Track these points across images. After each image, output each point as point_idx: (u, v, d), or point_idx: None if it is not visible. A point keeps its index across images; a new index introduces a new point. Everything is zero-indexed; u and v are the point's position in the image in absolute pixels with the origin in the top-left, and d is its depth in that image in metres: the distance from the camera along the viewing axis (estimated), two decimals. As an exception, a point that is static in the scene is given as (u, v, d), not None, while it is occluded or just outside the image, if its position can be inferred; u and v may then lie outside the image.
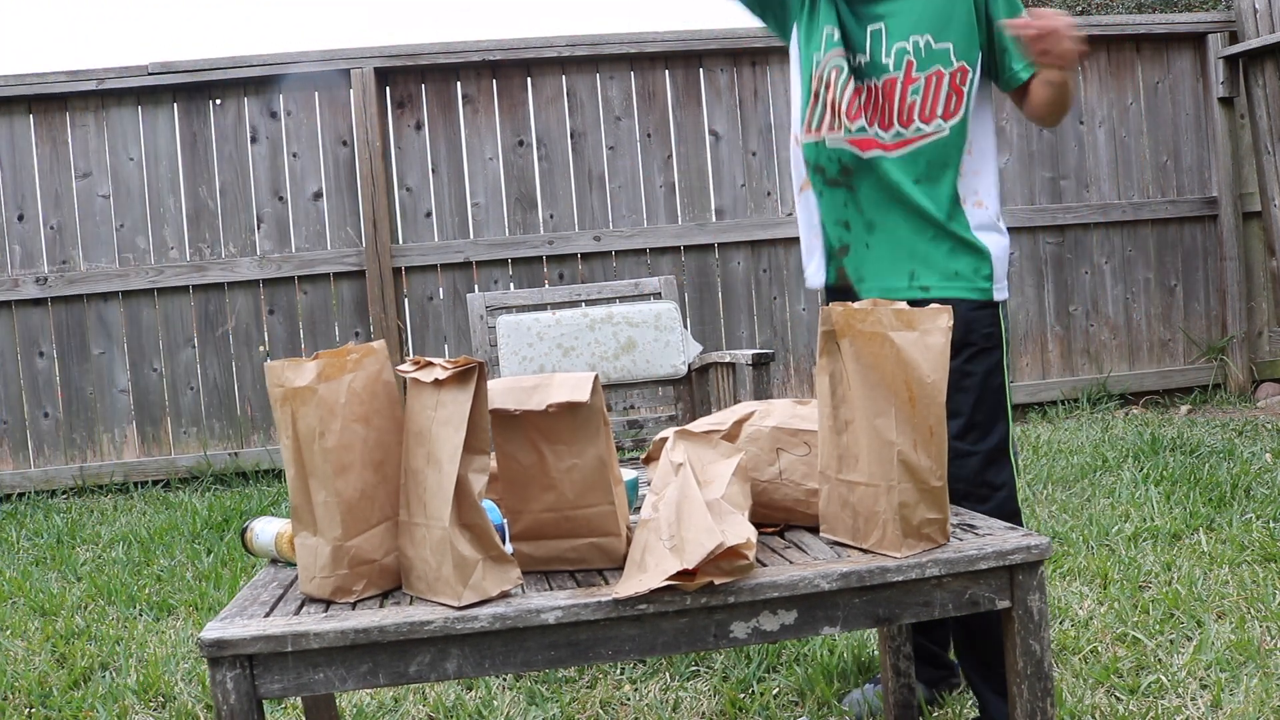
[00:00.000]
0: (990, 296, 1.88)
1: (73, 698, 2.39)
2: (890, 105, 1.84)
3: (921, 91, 1.82)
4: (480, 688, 2.32)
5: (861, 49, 1.87)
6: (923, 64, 1.82)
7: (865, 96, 1.85)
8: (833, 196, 1.92)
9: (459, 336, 5.07)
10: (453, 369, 1.30)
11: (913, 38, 1.82)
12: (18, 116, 4.88)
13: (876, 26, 1.85)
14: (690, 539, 1.27)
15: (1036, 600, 1.37)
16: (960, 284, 1.86)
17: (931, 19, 1.82)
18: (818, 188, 1.95)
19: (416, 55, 4.96)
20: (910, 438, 1.37)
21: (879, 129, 1.85)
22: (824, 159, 1.91)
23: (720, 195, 5.24)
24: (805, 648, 2.41)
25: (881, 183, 1.87)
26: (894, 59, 1.83)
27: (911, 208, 1.86)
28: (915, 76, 1.82)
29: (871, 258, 1.91)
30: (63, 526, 4.08)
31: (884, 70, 1.84)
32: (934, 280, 1.87)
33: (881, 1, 1.86)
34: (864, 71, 1.87)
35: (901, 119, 1.84)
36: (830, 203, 1.94)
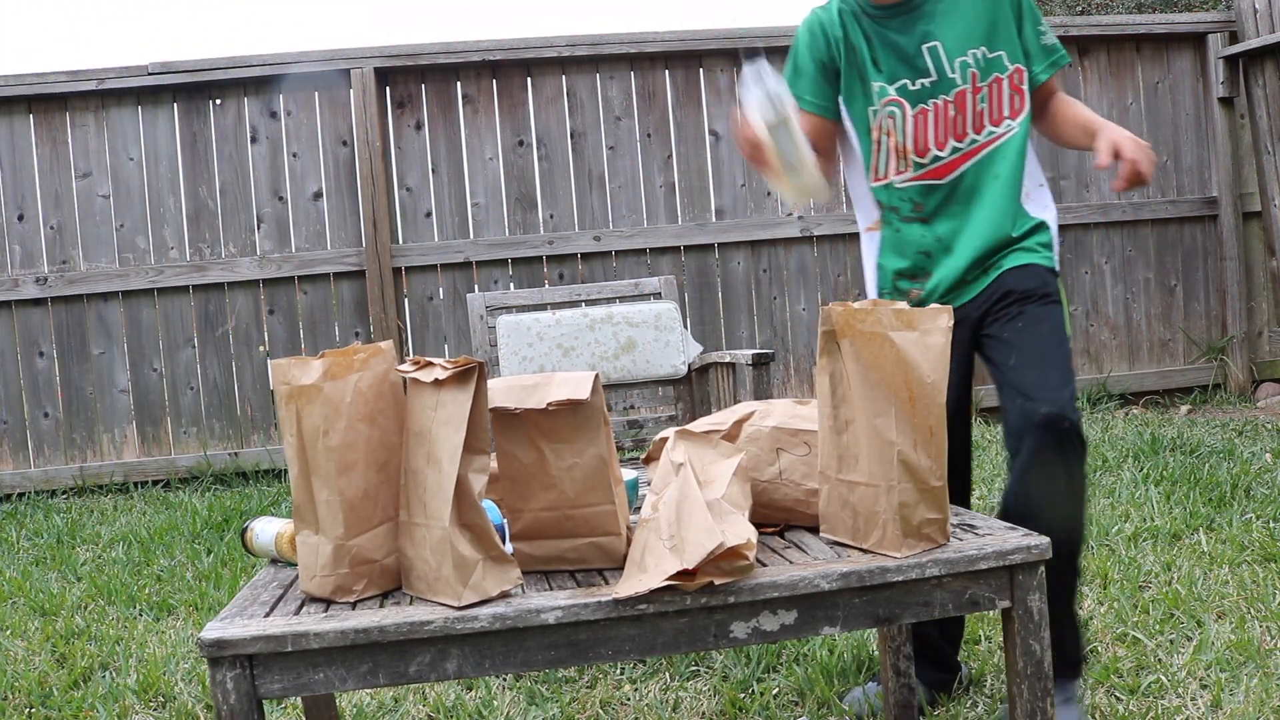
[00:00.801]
0: (1052, 264, 1.98)
1: (73, 698, 2.39)
2: (963, 116, 1.95)
3: (989, 99, 1.95)
4: (480, 688, 2.32)
5: (925, 71, 1.94)
6: (984, 74, 1.94)
7: (936, 116, 1.95)
8: (909, 230, 2.02)
9: (459, 336, 5.07)
10: (453, 369, 1.30)
11: (970, 51, 1.93)
12: (18, 116, 4.88)
13: (932, 44, 1.94)
14: (690, 539, 1.27)
15: (1036, 600, 1.38)
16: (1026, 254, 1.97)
17: (980, 31, 1.93)
18: (894, 225, 2.03)
19: (416, 55, 4.96)
20: (910, 438, 1.37)
21: (954, 140, 1.95)
22: (896, 200, 2.01)
23: (720, 195, 5.24)
24: (805, 648, 2.41)
25: (955, 203, 1.97)
26: (960, 73, 1.94)
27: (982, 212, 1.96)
28: (980, 86, 1.94)
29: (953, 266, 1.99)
30: (63, 526, 4.08)
31: (953, 85, 1.94)
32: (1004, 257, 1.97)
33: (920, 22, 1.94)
34: (932, 91, 1.95)
35: (975, 127, 1.95)
36: (908, 237, 2.02)
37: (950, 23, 1.93)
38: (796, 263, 5.25)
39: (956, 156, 1.95)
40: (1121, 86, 5.51)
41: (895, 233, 2.03)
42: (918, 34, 1.93)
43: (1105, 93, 5.50)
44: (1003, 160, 1.95)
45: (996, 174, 1.95)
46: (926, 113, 1.95)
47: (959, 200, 1.97)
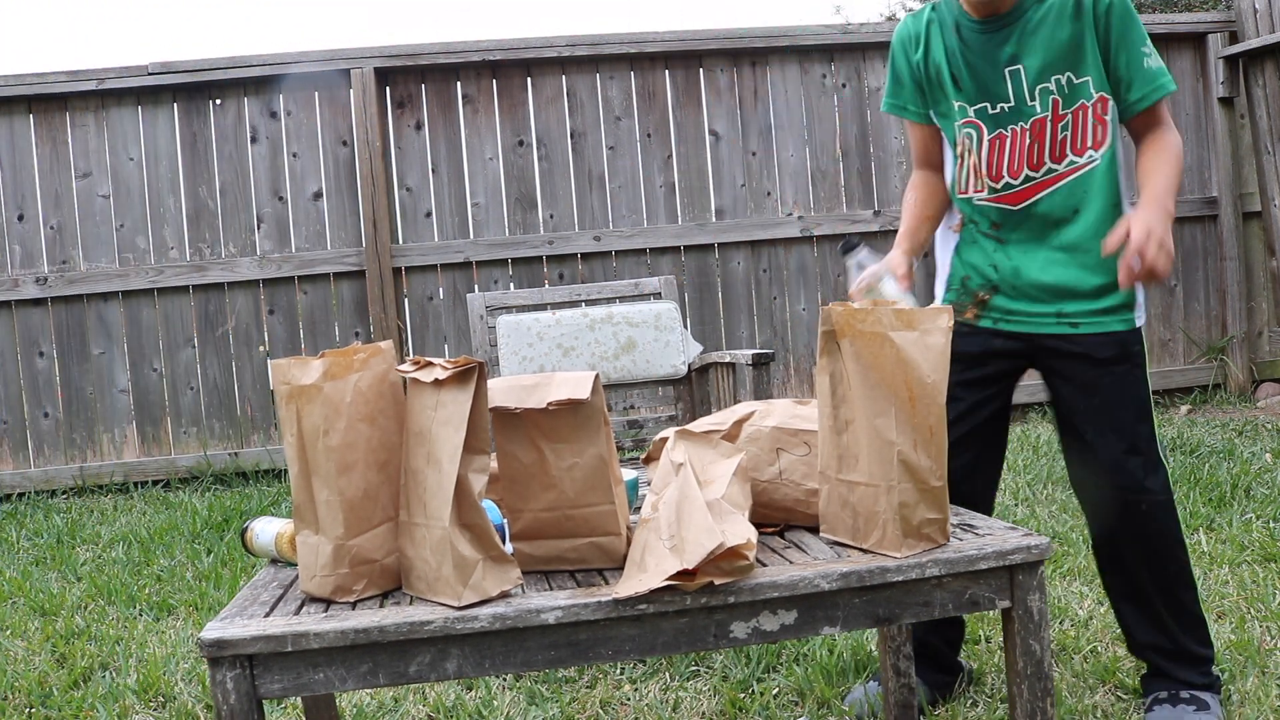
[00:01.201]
0: (1133, 325, 1.93)
1: (73, 698, 2.39)
2: (1041, 144, 1.88)
3: (1070, 127, 1.87)
4: (480, 688, 2.32)
5: (1004, 97, 1.89)
6: (1067, 101, 1.86)
7: (1011, 143, 1.90)
8: (985, 244, 2.00)
9: (459, 336, 5.07)
10: (453, 369, 1.30)
11: (1054, 77, 1.85)
12: (18, 116, 4.88)
13: (1014, 68, 1.88)
14: (690, 539, 1.27)
15: (1036, 600, 1.38)
16: (1109, 318, 1.92)
17: (1065, 56, 1.85)
18: (971, 235, 2.02)
19: (416, 55, 4.96)
20: (910, 438, 1.37)
21: (1029, 170, 1.90)
22: (977, 215, 1.99)
23: (720, 195, 5.24)
24: (805, 648, 2.41)
25: (1031, 230, 1.93)
26: (1039, 100, 1.87)
27: (1060, 246, 1.92)
28: (1063, 114, 1.87)
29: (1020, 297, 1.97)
30: (63, 526, 4.09)
31: (1031, 113, 1.88)
32: (1082, 315, 1.92)
33: (1009, 42, 1.87)
34: (1010, 117, 1.90)
35: (1054, 156, 1.88)
36: (983, 249, 2.00)
37: (1038, 44, 1.85)
38: (796, 263, 5.25)
39: (1030, 185, 1.90)
40: (1121, 86, 5.51)
41: (973, 242, 2.02)
42: (1004, 55, 1.88)
43: (1105, 93, 5.49)
44: (1084, 192, 1.89)
45: (1075, 206, 1.89)
46: (1004, 138, 1.91)
47: (1034, 228, 1.93)
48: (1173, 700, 1.93)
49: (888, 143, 5.33)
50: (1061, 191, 1.89)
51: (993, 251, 1.98)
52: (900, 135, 5.33)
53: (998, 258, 1.98)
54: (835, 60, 5.30)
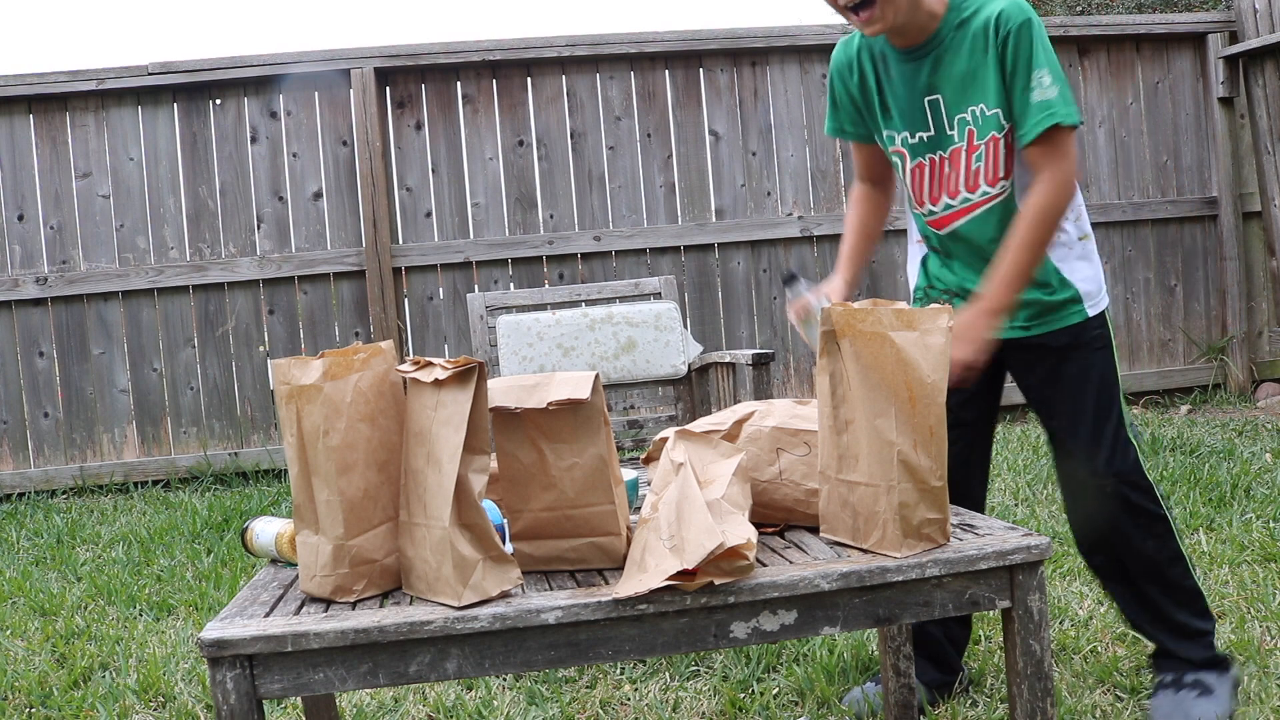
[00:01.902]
0: (1087, 316, 1.97)
1: (73, 698, 2.39)
2: (957, 174, 1.92)
3: (984, 158, 1.89)
4: (480, 688, 2.32)
5: (925, 126, 1.93)
6: (981, 132, 1.88)
7: (931, 172, 1.95)
8: (934, 259, 2.07)
9: (459, 336, 5.07)
10: (453, 369, 1.30)
11: (970, 108, 1.87)
12: (18, 116, 4.88)
13: (933, 98, 1.90)
14: (691, 539, 1.27)
15: (1036, 600, 1.38)
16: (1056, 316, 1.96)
17: (974, 88, 1.86)
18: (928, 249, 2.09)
19: (416, 55, 4.96)
20: (910, 438, 1.37)
21: (948, 198, 1.94)
22: (925, 231, 2.05)
23: (720, 195, 5.24)
24: (805, 648, 2.41)
25: (963, 251, 1.98)
26: (957, 130, 1.90)
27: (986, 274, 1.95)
28: (976, 145, 1.89)
29: None
30: (63, 526, 4.09)
31: (950, 141, 1.91)
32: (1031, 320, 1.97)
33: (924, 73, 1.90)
34: (929, 146, 1.94)
35: (969, 185, 1.91)
36: (936, 263, 2.07)
37: (949, 75, 1.87)
38: (796, 263, 5.25)
39: (951, 212, 1.95)
40: (1121, 86, 5.51)
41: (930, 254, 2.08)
42: (922, 85, 1.90)
43: (1105, 93, 5.50)
44: (1000, 219, 1.90)
45: (993, 237, 1.91)
46: (923, 167, 1.95)
47: (965, 253, 1.98)
48: (1176, 685, 1.95)
49: (888, 143, 5.32)
50: (979, 219, 1.92)
51: (940, 267, 2.05)
52: (900, 135, 5.32)
53: (944, 273, 2.04)
54: (835, 60, 5.29)
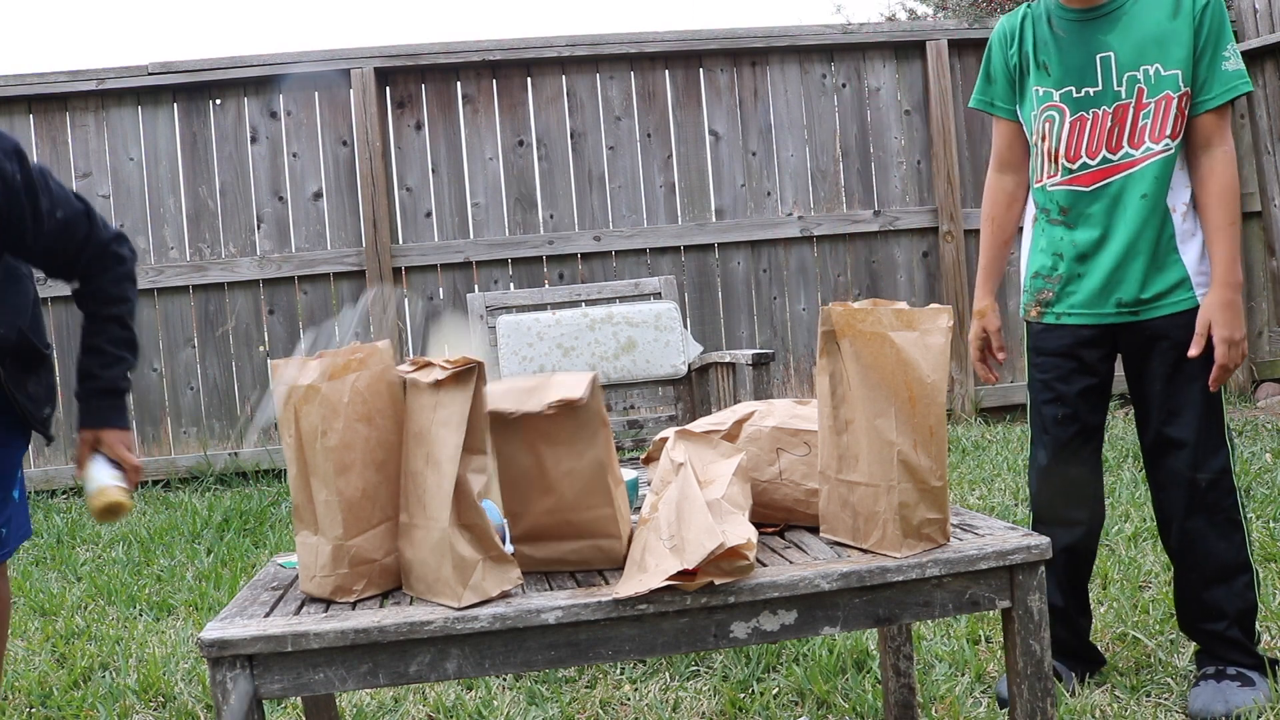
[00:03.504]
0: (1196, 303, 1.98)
1: (73, 698, 2.39)
2: (1121, 128, 1.97)
3: (1151, 116, 1.94)
4: (480, 688, 2.32)
5: (1092, 81, 1.98)
6: (1152, 90, 1.94)
7: (1092, 125, 1.99)
8: (1052, 232, 2.09)
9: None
10: (451, 369, 1.30)
11: (1143, 67, 1.94)
12: (18, 116, 4.88)
13: (1105, 55, 1.96)
14: (691, 539, 1.27)
15: (1036, 600, 1.38)
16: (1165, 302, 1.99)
17: (1157, 48, 1.93)
18: (1042, 225, 2.11)
19: (416, 55, 4.96)
20: (910, 438, 1.37)
21: (1107, 152, 1.98)
22: (1049, 202, 2.08)
23: (720, 195, 5.24)
24: (805, 647, 2.41)
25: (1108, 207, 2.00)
26: (1125, 86, 1.95)
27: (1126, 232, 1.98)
28: (1146, 103, 1.94)
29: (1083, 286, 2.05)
30: (63, 526, 4.09)
31: (1116, 97, 1.96)
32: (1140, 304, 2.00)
33: (1104, 31, 1.97)
34: (1094, 101, 1.99)
35: (1132, 141, 1.96)
36: (1050, 238, 2.09)
37: (1132, 34, 1.95)
38: (796, 263, 5.25)
39: (1106, 167, 1.98)
40: (1121, 86, 5.51)
41: (1042, 232, 2.11)
42: (1095, 43, 1.97)
43: (1105, 93, 5.49)
44: (1151, 179, 1.96)
45: (1144, 192, 1.96)
46: (1084, 120, 1.99)
47: (1102, 211, 2.00)
48: (1219, 676, 1.99)
49: (888, 143, 5.33)
50: (1136, 175, 1.96)
51: (1059, 238, 2.06)
52: (900, 135, 5.33)
53: (1063, 244, 2.05)
54: (835, 60, 5.30)
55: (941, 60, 5.26)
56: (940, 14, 8.64)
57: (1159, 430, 2.03)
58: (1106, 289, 2.02)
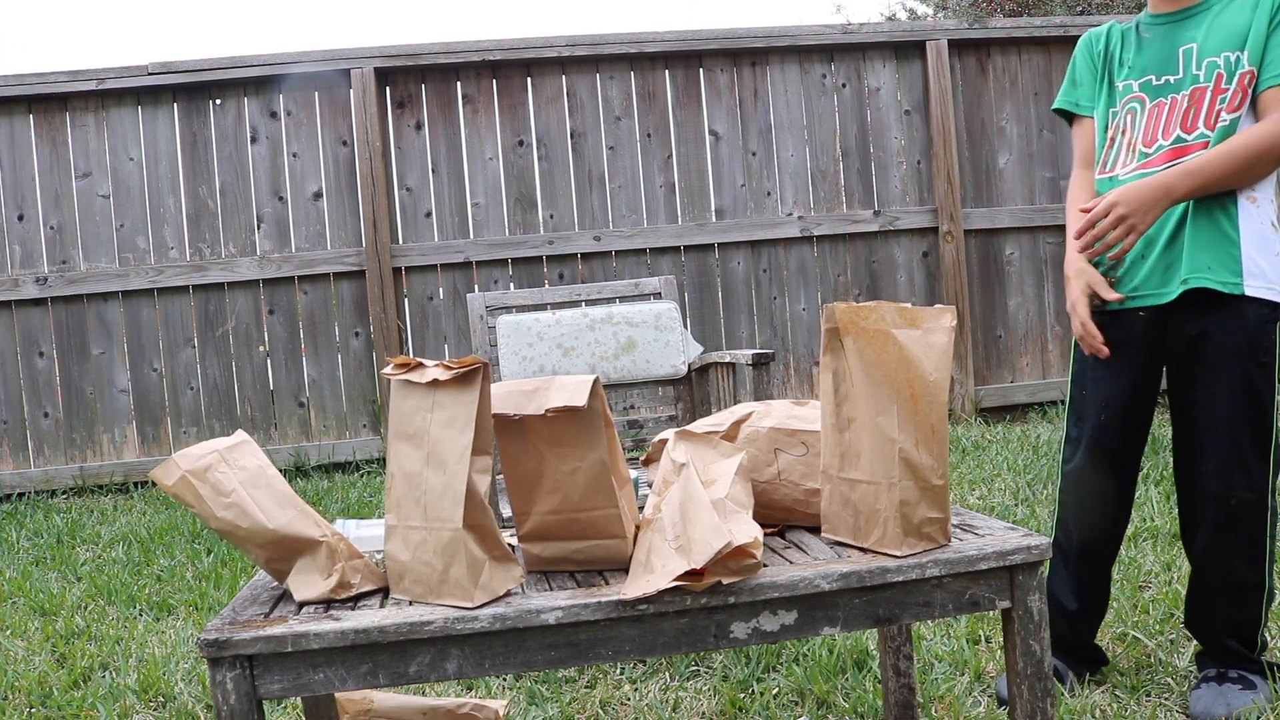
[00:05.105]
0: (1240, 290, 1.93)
1: (73, 698, 2.39)
2: (1198, 109, 1.99)
3: (1227, 100, 1.96)
4: (480, 688, 2.32)
5: (1173, 70, 2.02)
6: (1229, 76, 1.97)
7: (1170, 108, 2.01)
8: None
9: (459, 336, 5.07)
10: (454, 370, 1.30)
11: (1224, 54, 1.97)
12: (18, 116, 4.88)
13: (1189, 47, 2.01)
14: (697, 539, 1.27)
15: (1036, 600, 1.37)
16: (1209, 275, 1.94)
17: (1234, 35, 1.97)
18: None
19: (416, 55, 4.96)
20: (912, 436, 1.37)
21: (1182, 132, 1.99)
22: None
23: (720, 195, 5.24)
24: (805, 648, 2.41)
25: None
26: (1205, 71, 1.98)
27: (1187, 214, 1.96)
28: (1224, 87, 1.97)
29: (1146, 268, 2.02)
30: (63, 526, 4.08)
31: (1194, 80, 1.99)
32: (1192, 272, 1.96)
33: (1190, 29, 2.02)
34: (1172, 88, 2.02)
35: (1208, 121, 1.97)
36: None
37: (1215, 29, 1.98)
38: (796, 263, 5.25)
39: (1179, 146, 1.98)
40: (1121, 86, 5.51)
41: None
42: (1179, 39, 2.02)
43: (1105, 93, 5.49)
44: None
45: None
46: (1163, 105, 2.02)
47: None
48: (1220, 679, 1.99)
49: (888, 143, 5.33)
50: None
51: None
52: (900, 135, 5.33)
53: None
54: (835, 60, 5.30)
55: (941, 60, 5.26)
56: (940, 14, 8.64)
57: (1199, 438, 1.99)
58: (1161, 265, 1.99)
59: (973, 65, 5.40)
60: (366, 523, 1.62)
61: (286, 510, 1.37)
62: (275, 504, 1.36)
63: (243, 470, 1.36)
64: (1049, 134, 5.43)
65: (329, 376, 5.02)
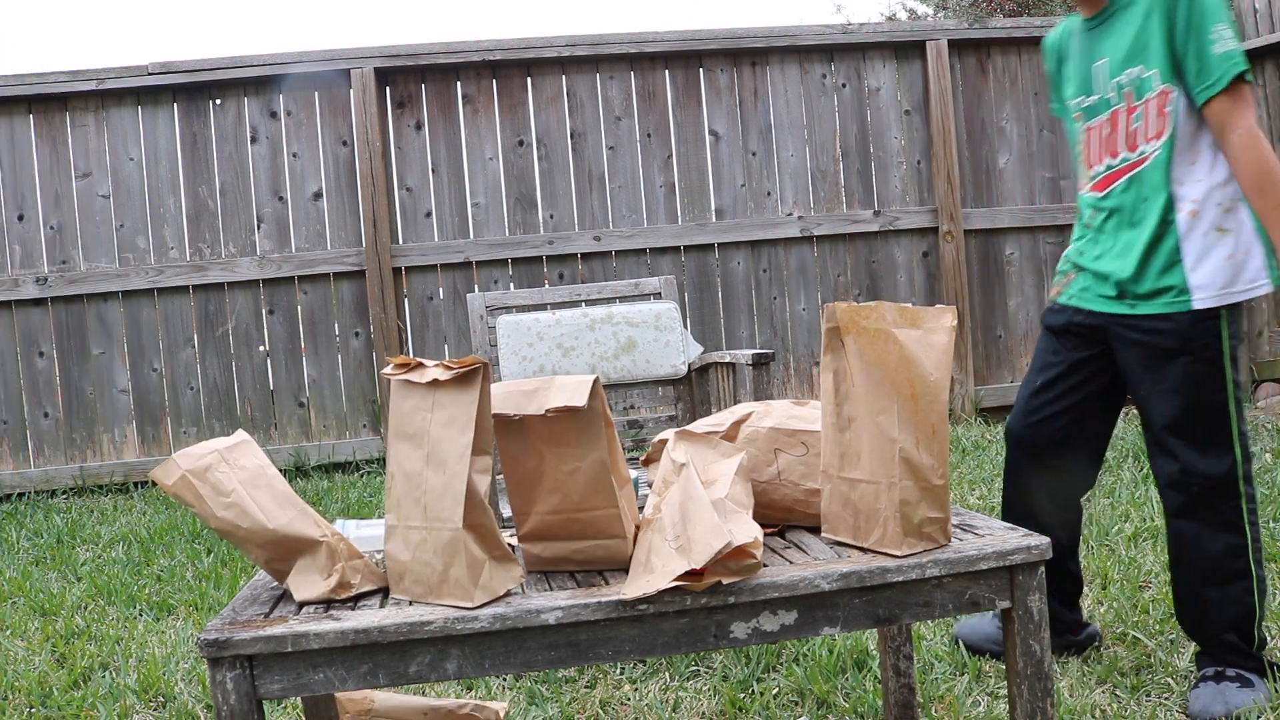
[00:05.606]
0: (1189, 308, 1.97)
1: (73, 698, 2.39)
2: (1116, 134, 2.01)
3: (1142, 118, 1.98)
4: (480, 688, 2.32)
5: (1092, 90, 2.07)
6: (1139, 93, 1.97)
7: (1100, 133, 2.05)
8: (1079, 231, 2.17)
9: (459, 336, 5.07)
10: (454, 370, 1.30)
11: (1127, 71, 1.98)
12: (18, 116, 4.88)
13: (1100, 62, 2.03)
14: (697, 539, 1.27)
15: (1036, 600, 1.38)
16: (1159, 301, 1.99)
17: (1138, 50, 1.96)
18: (1079, 231, 2.18)
19: (416, 55, 4.96)
20: (912, 435, 1.37)
21: (1109, 158, 2.03)
22: (1083, 206, 2.16)
23: (720, 195, 5.24)
24: (805, 648, 2.41)
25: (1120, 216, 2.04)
26: (1115, 92, 2.01)
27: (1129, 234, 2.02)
28: (1135, 105, 1.98)
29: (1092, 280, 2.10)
30: (63, 526, 4.08)
31: (1108, 104, 2.03)
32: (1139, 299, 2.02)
33: (1100, 39, 2.05)
34: (1097, 108, 2.08)
35: (1129, 145, 2.00)
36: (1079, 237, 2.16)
37: (1117, 41, 1.99)
38: (796, 263, 5.25)
39: (1111, 172, 2.03)
40: (1121, 86, 5.51)
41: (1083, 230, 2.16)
42: (1095, 52, 2.05)
43: (1105, 93, 5.49)
44: (1150, 182, 1.98)
45: (1145, 195, 1.99)
46: (1093, 130, 2.07)
47: (1116, 214, 2.05)
48: (1218, 678, 2.00)
49: (888, 143, 5.33)
50: (1134, 181, 2.00)
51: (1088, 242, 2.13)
52: (900, 135, 5.33)
53: (1088, 247, 2.12)
54: (835, 60, 5.30)
55: (941, 60, 5.26)
56: (940, 14, 8.64)
57: (1153, 433, 2.05)
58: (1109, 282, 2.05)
59: (973, 65, 5.40)
60: (366, 523, 1.62)
61: (286, 510, 1.37)
62: (275, 504, 1.37)
63: (243, 470, 1.37)
64: (1049, 134, 5.43)
65: (329, 376, 5.02)
